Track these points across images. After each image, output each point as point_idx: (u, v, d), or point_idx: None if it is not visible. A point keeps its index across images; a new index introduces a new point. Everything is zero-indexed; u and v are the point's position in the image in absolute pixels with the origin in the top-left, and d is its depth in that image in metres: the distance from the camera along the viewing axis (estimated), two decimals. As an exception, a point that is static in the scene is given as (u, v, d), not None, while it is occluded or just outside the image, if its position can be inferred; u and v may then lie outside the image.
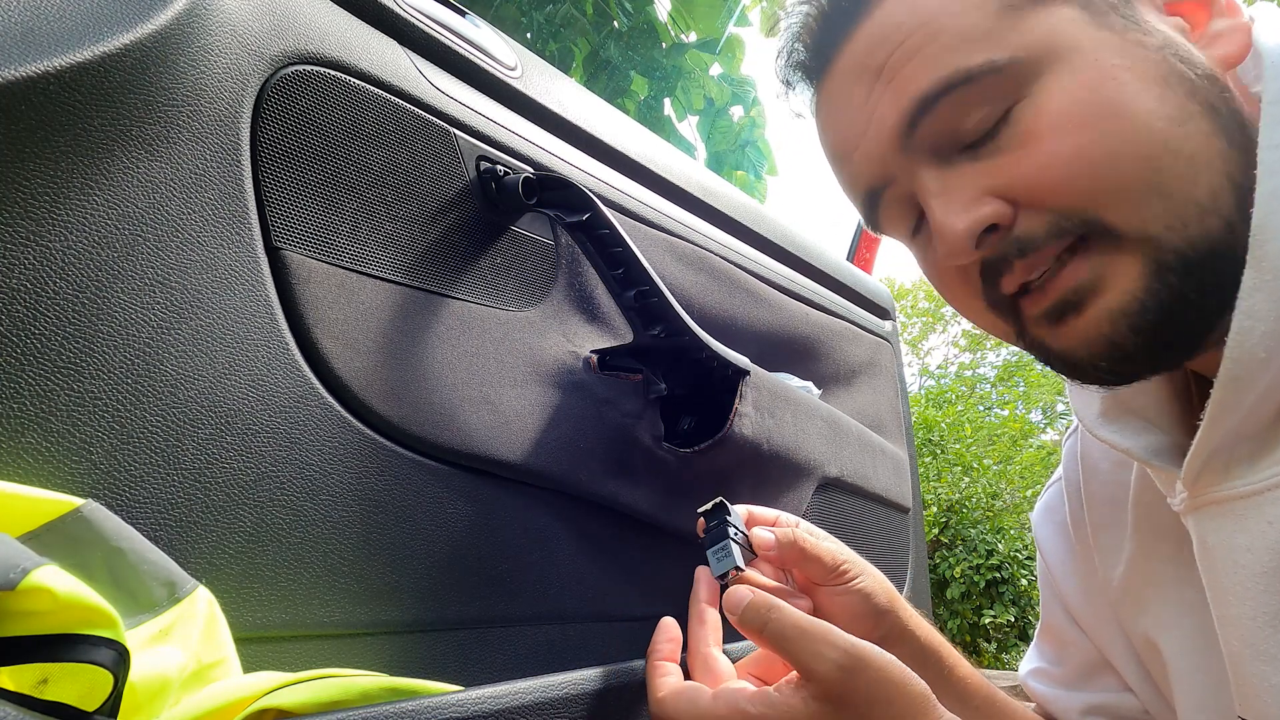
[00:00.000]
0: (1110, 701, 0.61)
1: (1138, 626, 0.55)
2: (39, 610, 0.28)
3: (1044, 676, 0.67)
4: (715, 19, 3.90)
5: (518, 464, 0.57)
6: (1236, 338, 0.38)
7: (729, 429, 0.66)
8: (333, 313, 0.48)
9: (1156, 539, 0.53)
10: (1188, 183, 0.38)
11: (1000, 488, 5.15)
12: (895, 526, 1.10)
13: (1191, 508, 0.44)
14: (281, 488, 0.44)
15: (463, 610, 0.53)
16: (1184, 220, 0.38)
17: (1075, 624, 0.63)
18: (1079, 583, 0.62)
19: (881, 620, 0.53)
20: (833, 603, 0.53)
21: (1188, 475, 0.43)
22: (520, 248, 0.62)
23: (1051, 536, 0.65)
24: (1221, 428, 0.40)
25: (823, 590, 0.53)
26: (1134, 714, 0.60)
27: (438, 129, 0.56)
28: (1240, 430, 0.40)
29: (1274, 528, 0.39)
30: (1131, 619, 0.56)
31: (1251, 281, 0.37)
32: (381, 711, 0.35)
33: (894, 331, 1.27)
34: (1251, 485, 0.40)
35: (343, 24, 0.52)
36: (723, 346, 0.67)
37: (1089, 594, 0.61)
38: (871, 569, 0.54)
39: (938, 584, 4.76)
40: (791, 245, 1.02)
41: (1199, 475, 0.43)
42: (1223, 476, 0.41)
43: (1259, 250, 0.37)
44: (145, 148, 0.39)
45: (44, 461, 0.35)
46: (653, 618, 0.62)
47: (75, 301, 0.36)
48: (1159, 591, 0.53)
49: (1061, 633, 0.64)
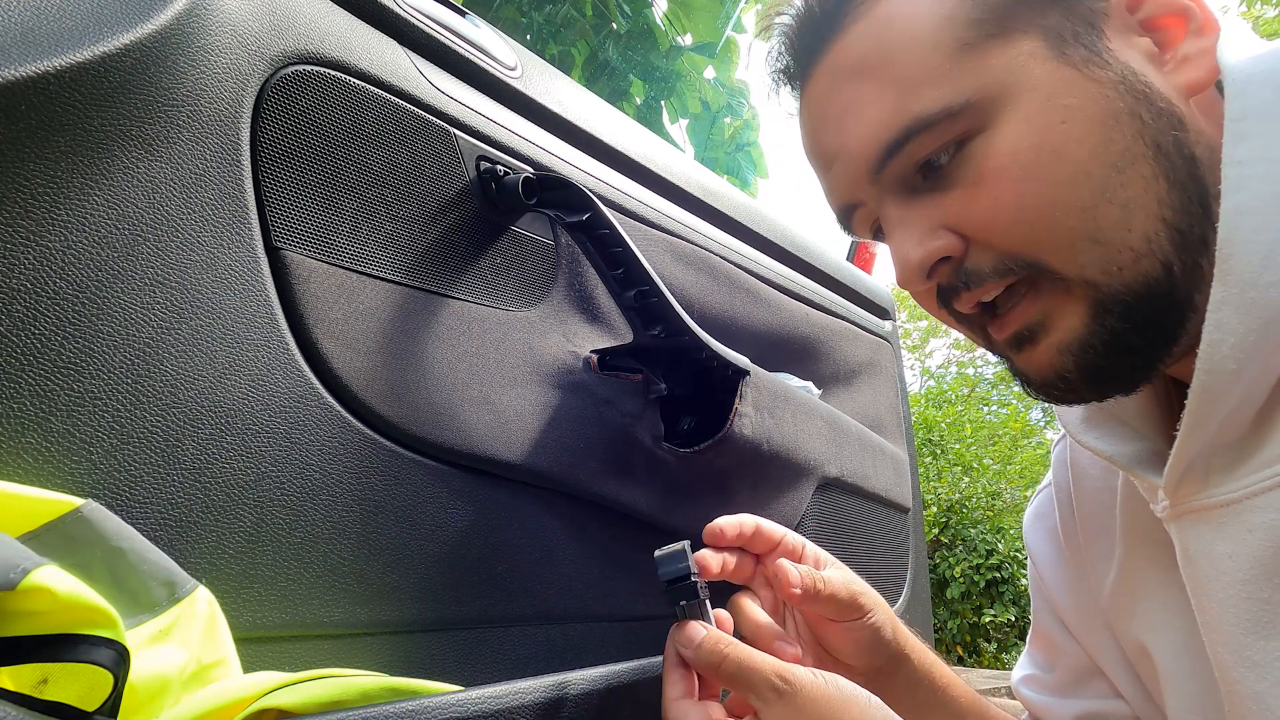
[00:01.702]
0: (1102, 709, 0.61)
1: (1129, 631, 0.55)
2: (39, 610, 0.28)
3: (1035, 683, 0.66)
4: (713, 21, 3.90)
5: (517, 464, 0.57)
6: (1207, 350, 0.38)
7: (729, 429, 0.66)
8: (333, 313, 0.48)
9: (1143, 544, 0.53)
10: (1122, 229, 0.39)
11: (1000, 488, 5.15)
12: (895, 526, 1.10)
13: (1173, 515, 0.44)
14: (281, 488, 0.44)
15: (463, 610, 0.53)
16: (1119, 265, 0.40)
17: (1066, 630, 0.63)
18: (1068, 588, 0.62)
19: (885, 649, 0.54)
20: (844, 638, 0.53)
21: (1168, 484, 0.43)
22: (520, 248, 0.62)
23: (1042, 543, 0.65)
24: (1198, 438, 0.41)
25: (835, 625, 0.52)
26: None
27: (438, 129, 0.56)
28: (1217, 440, 0.41)
29: (1254, 536, 0.39)
30: (1123, 623, 0.56)
31: (1219, 295, 0.38)
32: (381, 711, 0.35)
33: (894, 331, 1.27)
34: (1230, 494, 0.40)
35: (343, 24, 0.52)
36: (723, 346, 0.67)
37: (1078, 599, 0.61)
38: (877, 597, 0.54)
39: (938, 584, 4.76)
40: (791, 245, 1.02)
41: (1179, 484, 0.43)
42: (1202, 485, 0.42)
43: (1225, 264, 0.37)
44: (145, 148, 0.39)
45: (44, 461, 0.35)
46: (652, 618, 0.62)
47: (75, 301, 0.36)
48: (1148, 596, 0.53)
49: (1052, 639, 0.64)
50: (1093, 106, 0.40)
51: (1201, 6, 0.42)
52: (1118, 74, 0.40)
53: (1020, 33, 0.41)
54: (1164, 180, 0.39)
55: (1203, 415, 0.40)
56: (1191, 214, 0.39)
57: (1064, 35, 0.41)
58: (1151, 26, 0.43)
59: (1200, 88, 0.41)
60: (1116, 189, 0.39)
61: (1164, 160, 0.40)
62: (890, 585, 1.07)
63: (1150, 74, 0.41)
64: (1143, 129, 0.40)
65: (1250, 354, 0.37)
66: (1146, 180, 0.39)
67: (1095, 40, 0.41)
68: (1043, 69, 0.40)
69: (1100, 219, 0.39)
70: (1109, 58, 0.41)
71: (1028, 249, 0.41)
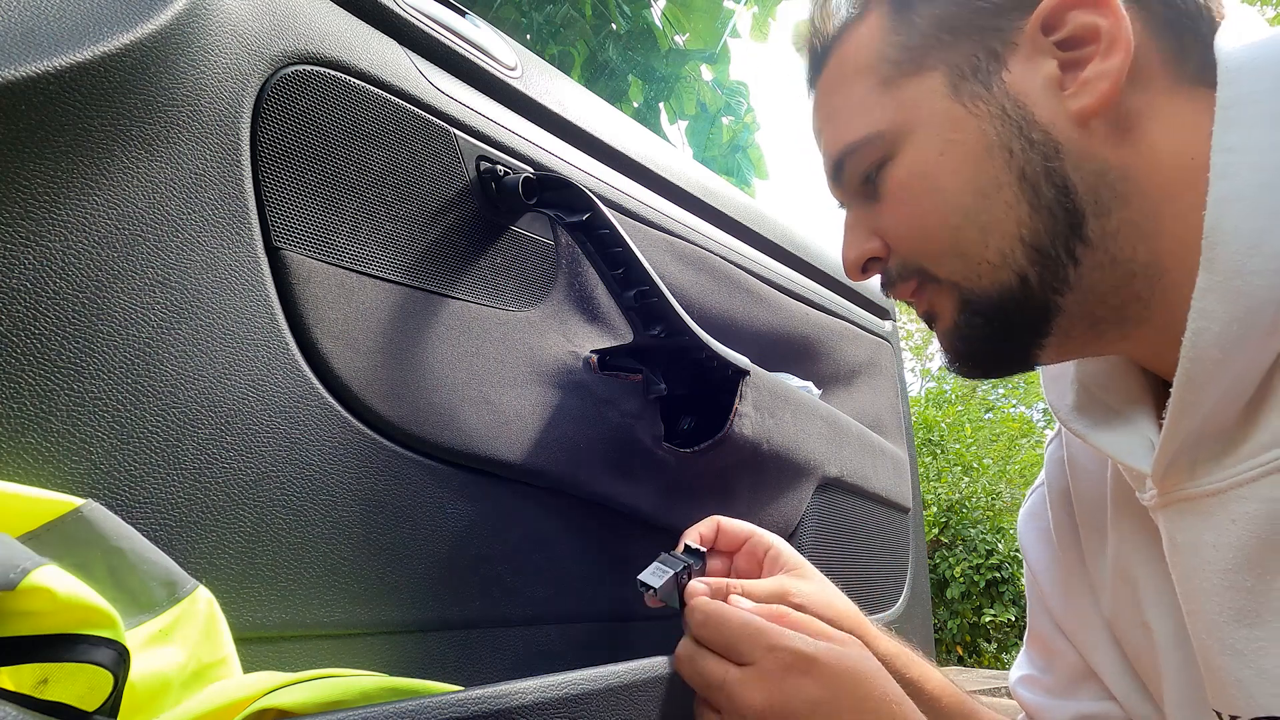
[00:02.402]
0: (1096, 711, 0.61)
1: (1133, 617, 0.55)
2: (39, 610, 0.28)
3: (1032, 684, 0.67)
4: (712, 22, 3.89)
5: (518, 464, 0.57)
6: (1191, 338, 0.39)
7: (729, 429, 0.66)
8: (333, 313, 0.48)
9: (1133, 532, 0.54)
10: (980, 247, 0.46)
11: (1000, 488, 5.15)
12: (895, 526, 1.10)
13: (1161, 504, 0.45)
14: (281, 488, 0.44)
15: (463, 610, 0.53)
16: (978, 274, 0.47)
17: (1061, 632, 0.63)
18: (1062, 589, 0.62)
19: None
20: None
21: (1155, 473, 0.44)
22: (520, 248, 0.62)
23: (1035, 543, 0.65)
24: (1184, 428, 0.42)
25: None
26: None
27: (438, 129, 0.56)
28: (1205, 430, 0.41)
29: (1238, 525, 0.40)
30: (1126, 613, 0.56)
31: (1205, 283, 0.39)
32: (381, 711, 0.35)
33: (894, 332, 1.27)
34: (1216, 484, 0.41)
35: (343, 24, 0.52)
36: (723, 346, 0.67)
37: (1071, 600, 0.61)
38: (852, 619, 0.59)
39: (938, 584, 4.76)
40: (791, 245, 1.02)
41: (1166, 473, 0.44)
42: (1189, 475, 0.43)
43: (1211, 253, 0.38)
44: (145, 148, 0.39)
45: (44, 461, 0.35)
46: (652, 618, 0.62)
47: (75, 301, 0.36)
48: (1143, 581, 0.53)
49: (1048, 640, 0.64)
50: (970, 140, 0.46)
51: (1116, 23, 0.43)
52: (998, 108, 0.45)
53: (930, 69, 0.47)
54: (1026, 205, 0.45)
55: (1188, 403, 0.41)
56: (1055, 233, 0.44)
57: (964, 71, 0.46)
58: (1068, 47, 0.44)
59: (1091, 114, 0.43)
60: (979, 213, 0.46)
61: (1028, 188, 0.45)
62: (890, 585, 1.07)
63: (1039, 103, 0.45)
64: (1010, 160, 0.45)
65: (1235, 342, 0.38)
66: (1009, 205, 0.45)
67: (993, 73, 0.46)
68: (939, 105, 0.47)
69: (962, 237, 0.46)
70: (996, 91, 0.45)
71: (915, 257, 0.50)
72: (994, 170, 0.45)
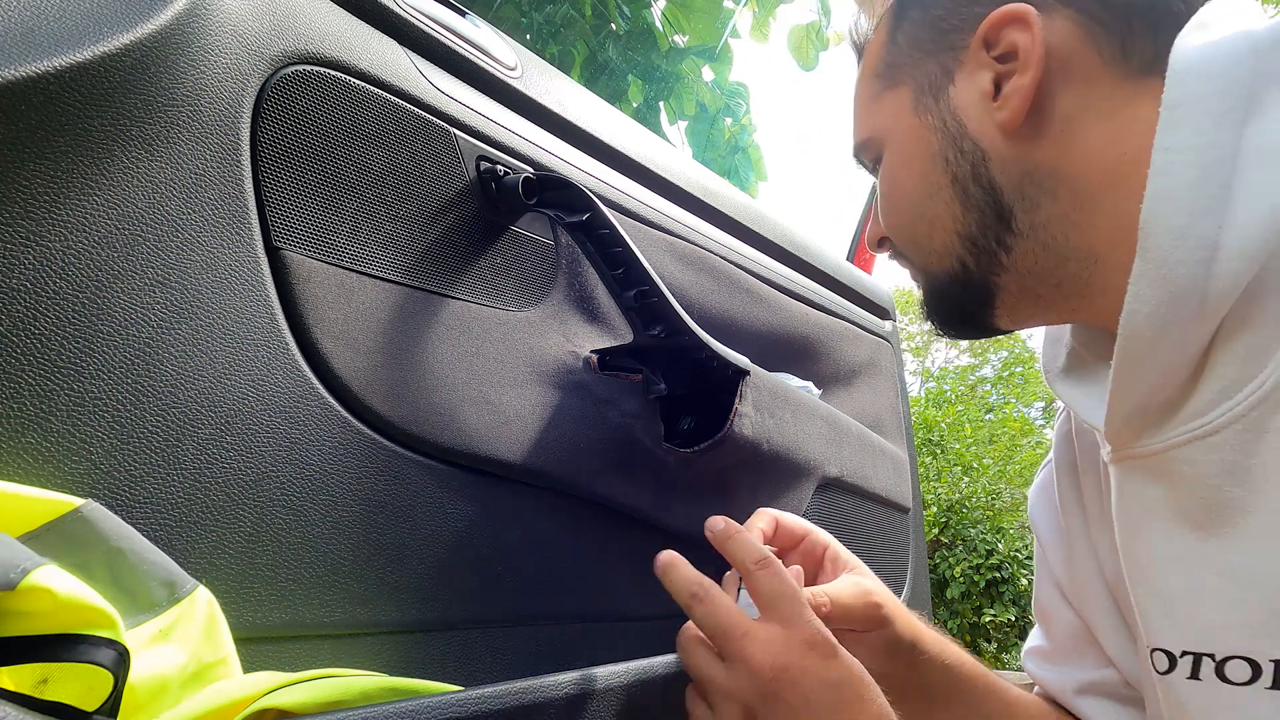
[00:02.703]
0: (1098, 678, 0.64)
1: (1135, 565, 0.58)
2: (39, 610, 0.28)
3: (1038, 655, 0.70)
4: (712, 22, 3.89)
5: (518, 464, 0.57)
6: (1126, 317, 0.43)
7: (729, 429, 0.66)
8: (333, 313, 0.48)
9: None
10: (928, 239, 0.55)
11: (1000, 488, 5.15)
12: (895, 526, 1.10)
13: (1114, 460, 0.50)
14: (281, 488, 0.44)
15: (463, 610, 0.53)
16: (929, 261, 0.56)
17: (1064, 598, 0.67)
18: (1065, 556, 0.66)
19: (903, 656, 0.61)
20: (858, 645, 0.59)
21: (1106, 432, 0.49)
22: (520, 248, 0.62)
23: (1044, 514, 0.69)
24: (1127, 397, 0.46)
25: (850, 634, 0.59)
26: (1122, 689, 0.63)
27: (438, 129, 0.56)
28: (1150, 399, 0.46)
29: (1173, 483, 0.46)
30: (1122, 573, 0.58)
31: (1139, 270, 0.43)
32: (381, 711, 0.35)
33: (894, 332, 1.27)
34: (1154, 445, 0.47)
35: (343, 24, 0.52)
36: (723, 346, 0.67)
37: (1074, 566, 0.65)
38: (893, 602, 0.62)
39: (938, 584, 4.76)
40: (791, 245, 1.02)
41: (1118, 433, 0.49)
42: (1136, 436, 0.48)
43: (1145, 242, 0.42)
44: (145, 148, 0.39)
45: (44, 461, 0.35)
46: (653, 618, 0.62)
47: (75, 301, 0.36)
48: None
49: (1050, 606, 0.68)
50: (922, 151, 0.53)
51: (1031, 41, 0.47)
52: (940, 121, 0.52)
53: (903, 85, 0.55)
54: (959, 204, 0.52)
55: (1126, 374, 0.45)
56: (985, 226, 0.51)
57: (924, 87, 0.53)
58: (1004, 60, 0.49)
59: (1012, 126, 0.49)
60: (926, 210, 0.54)
61: (960, 190, 0.52)
62: (890, 585, 1.07)
63: (972, 115, 0.51)
64: (946, 166, 0.52)
65: (1165, 323, 0.42)
66: (947, 204, 0.53)
67: (941, 89, 0.52)
68: (904, 119, 0.54)
69: (917, 231, 0.55)
70: (941, 105, 0.52)
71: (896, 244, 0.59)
72: (936, 175, 0.53)
